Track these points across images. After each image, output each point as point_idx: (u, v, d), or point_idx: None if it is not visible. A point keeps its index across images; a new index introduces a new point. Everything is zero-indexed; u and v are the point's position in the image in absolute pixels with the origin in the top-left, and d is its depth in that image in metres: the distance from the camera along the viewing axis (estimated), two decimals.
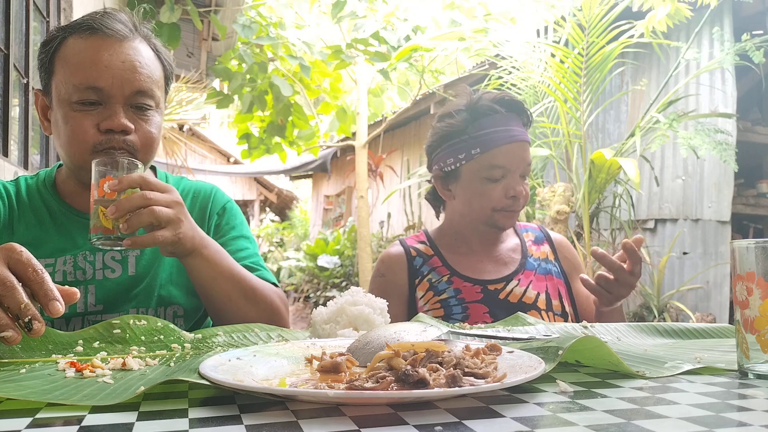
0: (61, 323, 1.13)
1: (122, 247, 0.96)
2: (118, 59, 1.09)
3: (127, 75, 1.09)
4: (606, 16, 3.73)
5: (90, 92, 1.08)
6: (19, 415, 0.52)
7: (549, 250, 1.57)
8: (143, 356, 0.76)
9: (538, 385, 0.61)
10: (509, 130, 1.42)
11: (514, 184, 1.41)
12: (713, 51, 4.77)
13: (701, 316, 4.70)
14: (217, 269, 1.08)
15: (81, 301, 1.14)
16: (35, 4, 3.57)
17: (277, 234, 13.83)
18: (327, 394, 0.51)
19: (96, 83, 1.08)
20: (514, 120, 1.44)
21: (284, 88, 6.71)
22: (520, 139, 1.43)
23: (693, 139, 3.80)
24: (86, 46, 1.10)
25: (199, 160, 14.81)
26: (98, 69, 1.08)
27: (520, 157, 1.42)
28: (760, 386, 0.60)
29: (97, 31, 1.10)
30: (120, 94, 1.09)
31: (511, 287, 1.44)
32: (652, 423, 0.47)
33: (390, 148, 9.57)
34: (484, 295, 1.43)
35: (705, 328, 0.96)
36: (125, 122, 1.09)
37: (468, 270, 1.49)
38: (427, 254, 1.52)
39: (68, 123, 1.09)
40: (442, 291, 1.45)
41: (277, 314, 1.16)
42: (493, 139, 1.42)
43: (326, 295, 8.47)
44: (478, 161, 1.42)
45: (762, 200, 5.09)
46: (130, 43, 1.12)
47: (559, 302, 1.46)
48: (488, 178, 1.42)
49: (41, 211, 1.19)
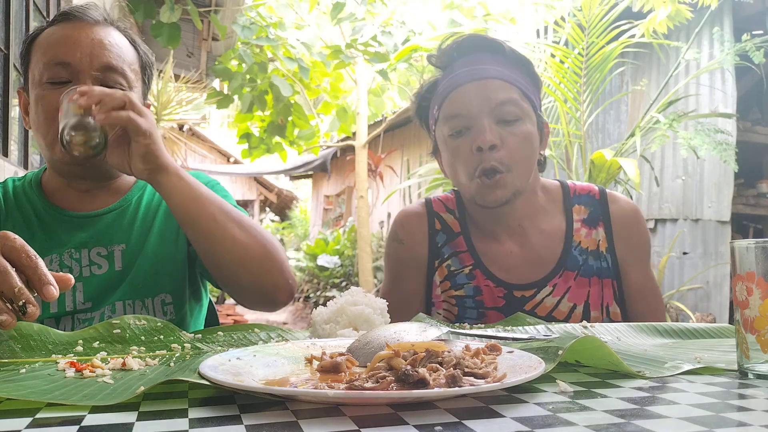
0: (51, 323, 1.11)
1: (94, 140, 0.94)
2: (87, 36, 1.10)
3: (95, 50, 1.09)
4: (606, 16, 3.73)
5: (59, 68, 1.08)
6: (18, 415, 0.52)
7: (603, 235, 1.22)
8: (143, 356, 0.76)
9: (538, 385, 0.61)
10: (467, 70, 1.16)
11: (478, 132, 1.11)
12: (713, 51, 4.77)
13: (701, 316, 4.70)
14: (197, 190, 1.01)
15: (70, 300, 1.13)
16: (35, 4, 3.57)
17: (277, 234, 13.84)
18: (327, 394, 0.51)
19: (65, 58, 1.08)
20: (480, 59, 1.17)
21: (284, 88, 6.71)
22: (479, 76, 1.14)
23: (693, 139, 3.81)
24: (58, 29, 1.12)
25: (199, 160, 14.81)
26: (67, 45, 1.09)
27: (479, 97, 1.12)
28: (760, 386, 0.60)
29: (70, 16, 1.12)
30: (88, 69, 1.08)
31: (542, 296, 1.18)
32: (652, 423, 0.47)
33: (390, 148, 9.57)
34: (507, 302, 1.19)
35: (705, 328, 0.96)
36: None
37: (494, 264, 1.22)
38: (452, 231, 1.25)
39: (39, 102, 1.09)
40: (460, 286, 1.23)
41: (272, 245, 1.07)
42: (446, 86, 1.17)
43: (326, 295, 8.47)
44: (441, 120, 1.18)
45: (762, 200, 5.09)
46: (101, 26, 1.13)
47: (600, 313, 1.19)
48: (451, 134, 1.16)
49: (27, 211, 1.18)
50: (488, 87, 1.14)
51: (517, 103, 1.14)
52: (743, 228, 5.19)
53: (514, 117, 1.14)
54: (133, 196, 1.23)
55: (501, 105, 1.13)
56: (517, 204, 1.19)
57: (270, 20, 6.54)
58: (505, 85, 1.14)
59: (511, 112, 1.13)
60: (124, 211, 1.21)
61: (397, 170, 9.51)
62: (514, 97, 1.14)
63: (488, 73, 1.15)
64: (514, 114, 1.14)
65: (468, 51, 1.19)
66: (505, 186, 1.13)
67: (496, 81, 1.14)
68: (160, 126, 6.07)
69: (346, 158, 10.83)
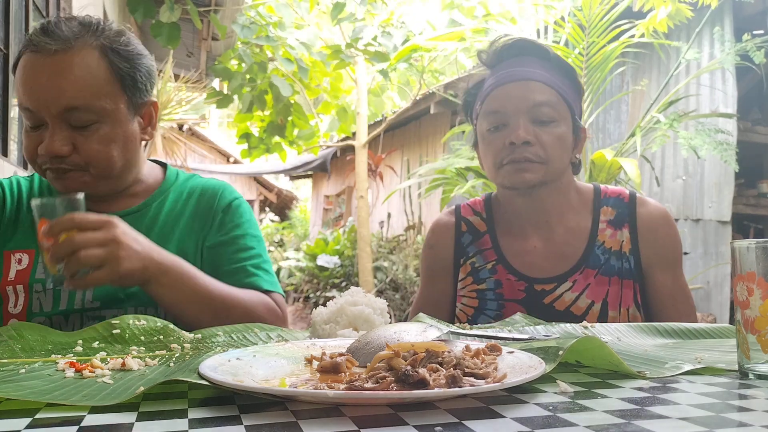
0: (60, 320, 1.14)
1: (80, 272, 0.93)
2: (43, 78, 1.04)
3: (52, 93, 1.04)
4: (606, 16, 3.73)
5: (28, 113, 1.07)
6: (18, 416, 0.52)
7: (628, 236, 1.24)
8: (143, 356, 0.76)
9: (539, 385, 0.61)
10: (510, 71, 1.22)
11: (512, 129, 1.18)
12: (714, 51, 4.77)
13: (702, 317, 4.70)
14: (181, 294, 1.03)
15: (79, 298, 1.14)
16: (35, 4, 3.57)
17: (276, 234, 13.84)
18: (327, 394, 0.51)
19: (27, 104, 1.06)
20: (525, 62, 1.23)
21: (284, 88, 6.70)
22: (520, 77, 1.21)
23: (693, 139, 3.80)
24: (23, 65, 1.07)
25: (198, 159, 14.81)
26: (27, 90, 1.06)
27: (518, 97, 1.19)
28: (761, 386, 0.60)
29: (33, 46, 1.06)
30: (49, 114, 1.05)
31: (561, 291, 1.21)
32: (652, 423, 0.47)
33: (390, 148, 9.57)
34: (527, 295, 1.23)
35: (705, 329, 0.96)
36: (56, 147, 1.04)
37: (516, 259, 1.27)
38: (478, 231, 1.33)
39: (24, 141, 1.10)
40: (482, 280, 1.28)
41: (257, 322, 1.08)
42: (490, 84, 1.24)
43: (326, 296, 8.47)
44: (482, 115, 1.25)
45: (762, 200, 5.08)
46: (62, 56, 1.05)
47: (618, 313, 1.20)
48: (489, 129, 1.23)
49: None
50: (528, 88, 1.20)
51: (554, 105, 1.20)
52: (744, 228, 5.19)
53: (550, 118, 1.19)
54: (153, 201, 1.23)
55: (538, 106, 1.19)
56: (546, 199, 1.25)
57: (270, 20, 6.53)
58: (545, 88, 1.20)
59: (546, 114, 1.19)
60: (143, 215, 1.20)
61: (397, 170, 9.51)
62: (551, 100, 1.20)
63: (530, 75, 1.21)
64: (549, 115, 1.19)
65: (515, 53, 1.25)
66: (535, 171, 1.19)
67: (537, 83, 1.20)
68: (160, 126, 6.08)
69: (346, 158, 10.83)
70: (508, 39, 1.26)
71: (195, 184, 1.29)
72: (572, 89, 1.25)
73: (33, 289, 1.13)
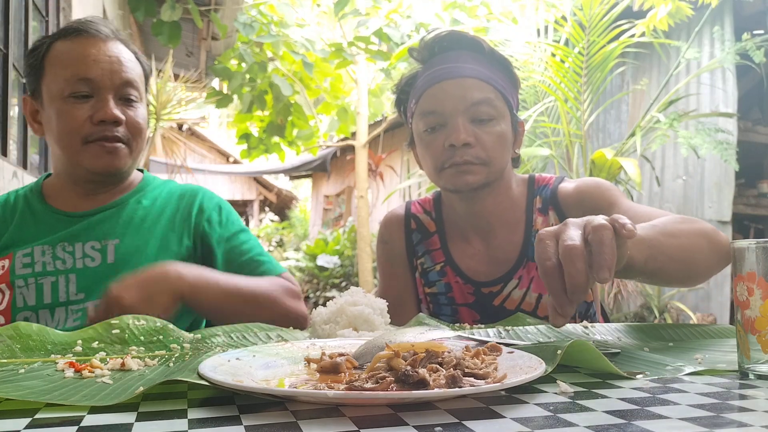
0: (46, 315, 1.16)
1: None
2: (105, 54, 1.19)
3: (114, 67, 1.19)
4: (606, 16, 3.73)
5: (81, 84, 1.16)
6: (18, 416, 0.52)
7: (555, 216, 1.21)
8: (142, 356, 0.76)
9: (538, 385, 0.61)
10: (445, 68, 1.17)
11: (451, 130, 1.14)
12: (714, 50, 4.77)
13: (702, 317, 4.70)
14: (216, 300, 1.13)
15: (63, 291, 1.17)
16: (34, 4, 3.57)
17: (276, 234, 13.83)
18: (326, 394, 0.51)
19: (87, 74, 1.16)
20: (459, 57, 1.18)
21: (284, 87, 6.70)
22: (457, 74, 1.15)
23: (693, 139, 3.80)
24: (75, 45, 1.19)
25: (198, 159, 14.81)
26: (88, 62, 1.17)
27: (456, 96, 1.14)
28: (761, 387, 0.60)
29: (83, 32, 1.20)
30: (110, 85, 1.18)
31: (509, 290, 1.21)
32: (652, 423, 0.47)
33: (390, 148, 9.57)
34: (477, 298, 1.23)
35: (705, 329, 0.96)
36: (117, 113, 1.17)
37: (463, 261, 1.25)
38: (428, 230, 1.31)
39: (61, 117, 1.17)
40: (432, 283, 1.28)
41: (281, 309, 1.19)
42: (424, 82, 1.19)
43: (326, 296, 8.47)
44: (418, 114, 1.20)
45: (763, 200, 5.08)
46: (113, 42, 1.22)
47: None
48: (426, 130, 1.18)
49: (25, 213, 1.26)
50: (464, 86, 1.15)
51: (492, 102, 1.16)
52: (744, 228, 5.19)
53: (488, 117, 1.16)
54: (130, 197, 1.29)
55: (476, 104, 1.14)
56: (487, 200, 1.22)
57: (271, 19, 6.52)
58: (482, 85, 1.16)
59: (485, 112, 1.15)
60: (120, 209, 1.26)
61: (397, 170, 9.51)
62: (489, 97, 1.15)
63: (465, 72, 1.16)
64: (488, 114, 1.15)
65: (448, 47, 1.20)
66: (477, 173, 1.16)
67: (473, 80, 1.15)
68: (160, 126, 6.07)
69: (345, 158, 10.83)
70: (440, 32, 1.21)
71: (173, 186, 1.37)
72: (509, 83, 1.21)
73: (15, 285, 1.16)
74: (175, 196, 1.33)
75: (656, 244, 0.85)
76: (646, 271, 0.84)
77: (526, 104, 4.23)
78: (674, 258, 0.88)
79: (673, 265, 0.88)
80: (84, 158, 1.19)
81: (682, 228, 0.94)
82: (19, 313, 1.15)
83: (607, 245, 0.67)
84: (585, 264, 0.67)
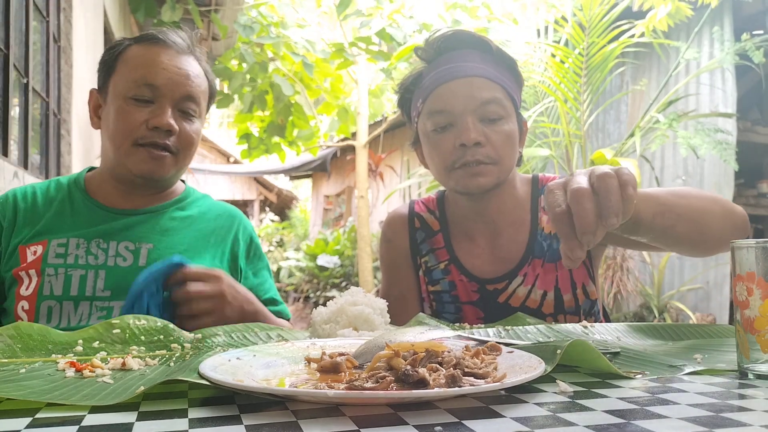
0: (69, 307, 1.17)
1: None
2: (174, 65, 1.23)
3: (180, 79, 1.22)
4: (606, 16, 3.74)
5: (145, 89, 1.20)
6: (18, 415, 0.52)
7: None
8: (143, 356, 0.76)
9: (538, 385, 0.61)
10: (453, 67, 1.17)
11: (462, 130, 1.14)
12: (713, 51, 4.77)
13: (701, 317, 4.70)
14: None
15: (90, 286, 1.18)
16: (35, 4, 3.57)
17: (276, 234, 13.83)
18: (327, 394, 0.51)
19: (153, 80, 1.20)
20: (467, 56, 1.18)
21: (285, 87, 6.70)
22: (466, 74, 1.16)
23: (693, 139, 3.81)
24: (149, 51, 1.23)
25: (198, 159, 14.81)
26: (156, 69, 1.21)
27: (466, 96, 1.14)
28: (760, 386, 0.60)
29: (161, 41, 1.24)
30: (171, 95, 1.21)
31: (513, 287, 1.21)
32: (652, 423, 0.47)
33: (390, 148, 9.57)
34: (481, 295, 1.23)
35: (705, 328, 0.96)
36: (171, 122, 1.20)
37: (468, 259, 1.26)
38: (432, 229, 1.31)
39: (119, 115, 1.20)
40: (436, 281, 1.28)
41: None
42: (432, 81, 1.18)
43: (326, 295, 8.47)
44: (425, 114, 1.19)
45: (762, 200, 5.08)
46: (186, 56, 1.26)
47: (572, 295, 1.20)
48: (434, 129, 1.18)
49: (65, 202, 1.27)
50: (473, 85, 1.15)
51: (501, 102, 1.17)
52: None
53: (497, 116, 1.16)
54: (170, 205, 1.32)
55: (485, 104, 1.15)
56: (492, 200, 1.23)
57: (271, 19, 6.52)
58: (490, 84, 1.16)
59: (494, 111, 1.16)
60: (158, 215, 1.29)
61: (397, 170, 9.51)
62: (497, 96, 1.16)
63: (474, 71, 1.16)
64: (497, 113, 1.16)
65: (455, 46, 1.20)
66: (488, 174, 1.16)
67: (482, 79, 1.16)
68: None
69: (346, 158, 10.83)
70: (446, 31, 1.22)
71: (210, 203, 1.40)
72: (514, 82, 1.22)
73: (45, 273, 1.17)
74: (213, 215, 1.36)
75: (665, 201, 0.87)
76: (655, 228, 0.85)
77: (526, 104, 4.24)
78: (684, 217, 0.89)
79: (683, 225, 0.89)
80: (130, 160, 1.21)
81: (693, 192, 0.95)
82: (43, 302, 1.15)
83: (613, 192, 0.70)
84: (593, 204, 0.69)
